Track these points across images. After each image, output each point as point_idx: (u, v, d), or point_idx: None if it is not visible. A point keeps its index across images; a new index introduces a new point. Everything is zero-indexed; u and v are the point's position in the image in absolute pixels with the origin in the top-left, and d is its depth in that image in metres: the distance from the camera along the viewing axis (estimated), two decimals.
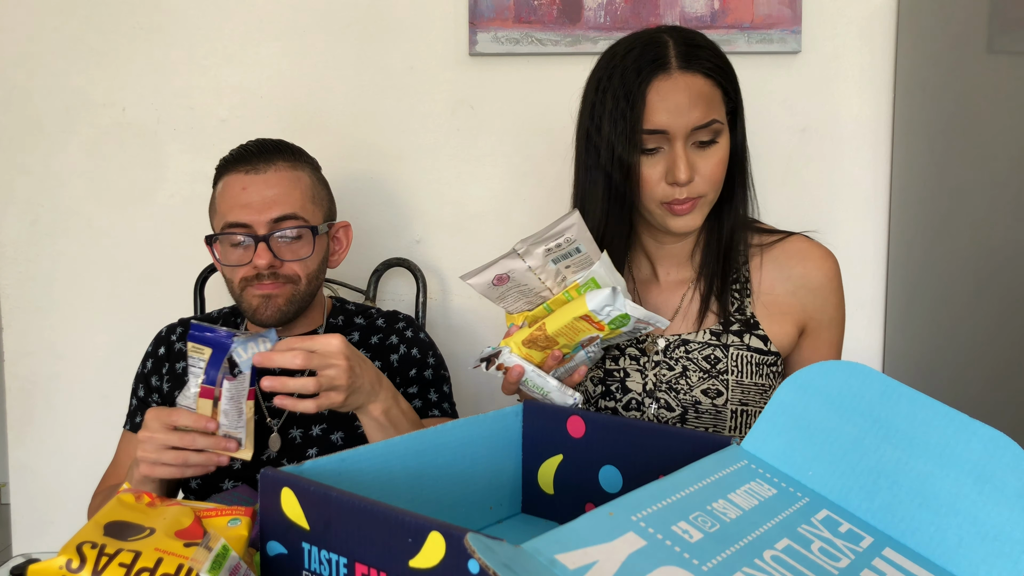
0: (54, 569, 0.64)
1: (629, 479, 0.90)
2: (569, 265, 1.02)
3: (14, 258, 1.84)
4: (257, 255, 1.24)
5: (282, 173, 1.29)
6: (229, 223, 1.26)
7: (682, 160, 1.09)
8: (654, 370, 1.18)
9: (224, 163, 1.32)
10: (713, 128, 1.10)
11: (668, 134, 1.09)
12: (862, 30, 1.76)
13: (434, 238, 1.83)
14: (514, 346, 1.04)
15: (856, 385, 0.77)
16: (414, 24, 1.78)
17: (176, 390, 1.32)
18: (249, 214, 1.26)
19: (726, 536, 0.66)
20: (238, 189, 1.27)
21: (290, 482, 0.70)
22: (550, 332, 1.02)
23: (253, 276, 1.26)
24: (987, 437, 0.70)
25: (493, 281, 1.03)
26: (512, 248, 1.01)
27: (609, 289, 1.00)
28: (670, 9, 1.72)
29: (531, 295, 1.05)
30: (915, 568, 0.69)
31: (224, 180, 1.30)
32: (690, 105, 1.09)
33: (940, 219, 1.62)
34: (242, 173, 1.28)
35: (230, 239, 1.27)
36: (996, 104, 1.45)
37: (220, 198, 1.30)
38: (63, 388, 1.87)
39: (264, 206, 1.26)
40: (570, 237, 0.99)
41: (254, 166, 1.28)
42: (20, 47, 1.80)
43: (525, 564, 0.54)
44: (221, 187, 1.31)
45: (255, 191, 1.27)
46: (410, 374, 1.36)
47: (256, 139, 1.34)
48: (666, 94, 1.09)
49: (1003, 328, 1.42)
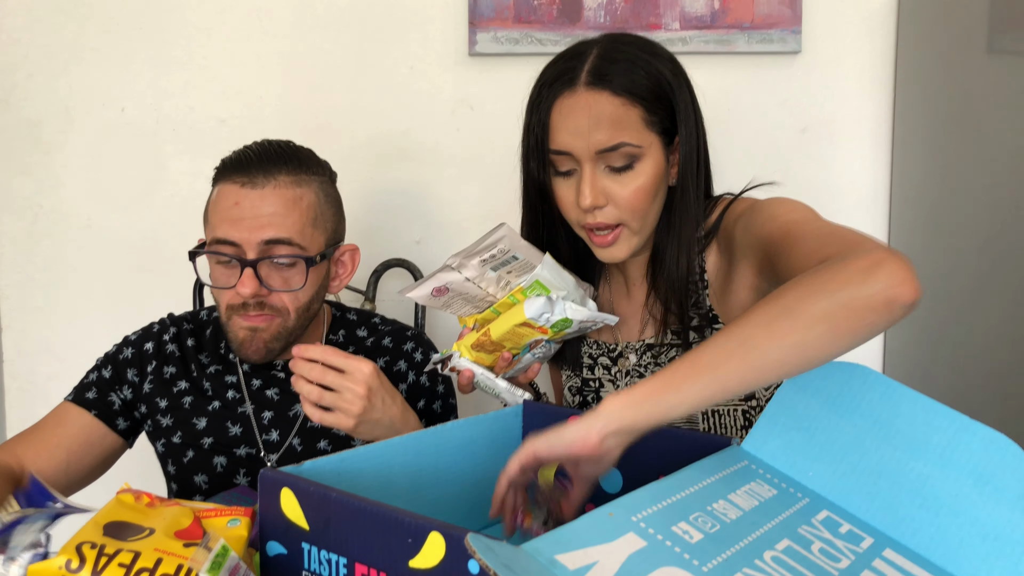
0: (53, 569, 0.63)
1: (629, 479, 0.90)
2: (511, 271, 1.04)
3: (14, 258, 1.84)
4: (241, 282, 1.12)
5: (281, 191, 1.15)
6: (217, 238, 1.15)
7: (586, 184, 1.02)
8: (626, 379, 1.17)
9: (222, 167, 1.20)
10: (624, 152, 1.02)
11: (573, 156, 1.03)
12: (862, 30, 1.76)
13: (434, 238, 1.83)
14: (464, 350, 1.07)
15: (856, 385, 0.77)
16: (414, 24, 1.78)
17: (158, 396, 1.24)
18: (239, 232, 1.13)
19: (726, 537, 0.65)
20: (230, 203, 1.15)
21: (290, 482, 0.70)
22: (495, 337, 1.04)
23: (239, 304, 1.15)
24: (987, 438, 0.70)
25: (432, 293, 1.06)
26: (444, 263, 1.02)
27: (543, 298, 1.02)
28: (670, 9, 1.72)
29: (476, 301, 1.08)
30: (915, 569, 0.69)
31: (219, 188, 1.18)
32: (591, 126, 1.01)
33: (940, 219, 1.62)
34: (237, 185, 1.15)
35: (216, 256, 1.16)
36: (996, 104, 1.45)
37: (212, 208, 1.18)
38: (63, 388, 1.85)
39: (256, 226, 1.13)
40: (503, 248, 1.01)
41: (252, 178, 1.15)
42: (20, 47, 1.80)
43: (525, 564, 0.54)
44: (215, 195, 1.18)
45: (248, 207, 1.14)
46: (418, 406, 1.28)
47: (261, 142, 1.21)
48: (567, 113, 1.03)
49: (1003, 328, 1.42)
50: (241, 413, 1.23)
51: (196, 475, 1.21)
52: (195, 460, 1.22)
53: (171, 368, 1.26)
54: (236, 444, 1.22)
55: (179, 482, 1.23)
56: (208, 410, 1.23)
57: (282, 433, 1.22)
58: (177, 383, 1.26)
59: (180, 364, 1.27)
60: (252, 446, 1.22)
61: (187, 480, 1.22)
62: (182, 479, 1.22)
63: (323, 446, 1.23)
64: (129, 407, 1.26)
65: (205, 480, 1.22)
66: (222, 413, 1.23)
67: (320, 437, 1.23)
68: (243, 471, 1.22)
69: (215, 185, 1.20)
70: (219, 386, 1.25)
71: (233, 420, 1.23)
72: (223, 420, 1.23)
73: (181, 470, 1.22)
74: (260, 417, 1.23)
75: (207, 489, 1.22)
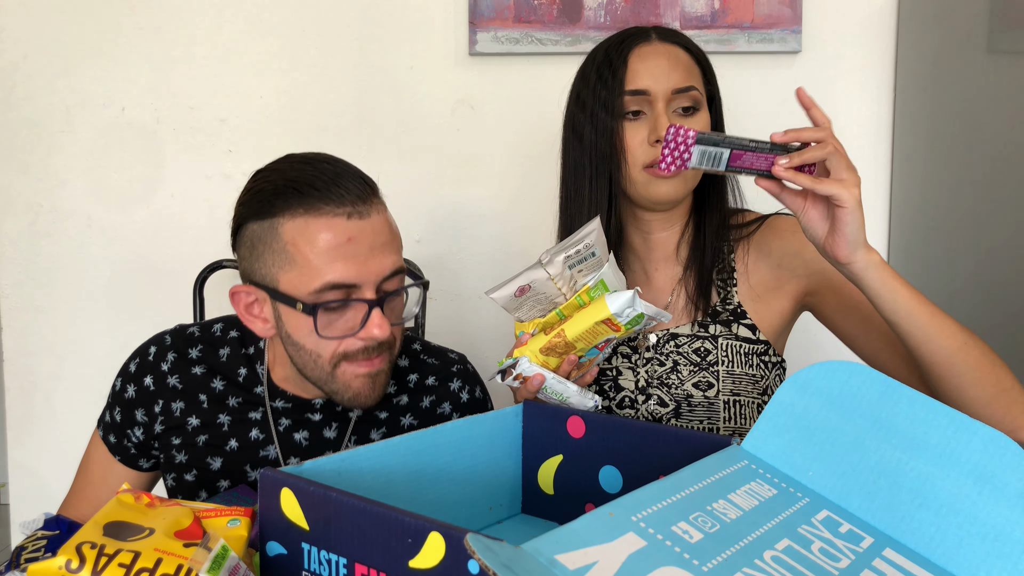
0: (53, 569, 0.63)
1: (629, 479, 0.89)
2: (581, 269, 1.02)
3: (14, 258, 1.84)
4: (378, 325, 0.98)
5: (383, 215, 1.02)
6: (332, 284, 0.97)
7: (663, 117, 1.12)
8: (645, 367, 1.18)
9: (299, 195, 0.98)
10: (692, 95, 1.13)
11: (649, 95, 1.12)
12: (862, 30, 1.76)
13: (434, 238, 1.83)
14: (531, 355, 1.03)
15: (856, 385, 0.77)
16: (414, 24, 1.78)
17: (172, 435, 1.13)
18: (362, 274, 0.98)
19: (726, 536, 0.65)
20: (342, 239, 0.97)
21: (290, 482, 0.70)
22: (570, 338, 1.02)
23: (360, 349, 1.01)
24: (987, 437, 0.70)
25: (515, 293, 1.02)
26: (537, 259, 1.00)
27: (630, 293, 1.01)
28: (670, 9, 1.72)
29: (545, 302, 1.05)
30: (915, 568, 0.69)
31: (309, 221, 0.98)
32: (670, 68, 1.13)
33: (940, 219, 1.62)
34: (343, 217, 0.98)
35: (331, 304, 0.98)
36: (996, 104, 1.45)
37: (306, 247, 0.97)
38: (63, 388, 1.87)
39: (378, 264, 0.99)
40: (589, 243, 1.00)
41: (356, 208, 0.98)
42: (20, 47, 1.80)
43: (525, 564, 0.54)
44: (301, 230, 0.98)
45: (364, 241, 0.98)
46: None
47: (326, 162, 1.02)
48: (647, 57, 1.13)
49: (1003, 328, 1.42)
50: (263, 457, 1.11)
51: None
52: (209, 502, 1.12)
53: (179, 404, 1.13)
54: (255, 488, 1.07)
55: None
56: (225, 450, 1.11)
57: None
58: (188, 420, 1.13)
59: (187, 398, 1.13)
60: None
61: None
62: None
63: None
64: (144, 448, 1.16)
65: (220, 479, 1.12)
66: (240, 456, 1.11)
67: None
68: None
69: (287, 216, 0.99)
70: (239, 422, 1.12)
71: (254, 464, 1.11)
72: (241, 463, 1.11)
73: None
74: (286, 463, 1.11)
75: None
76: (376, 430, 1.14)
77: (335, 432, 1.12)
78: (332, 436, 1.12)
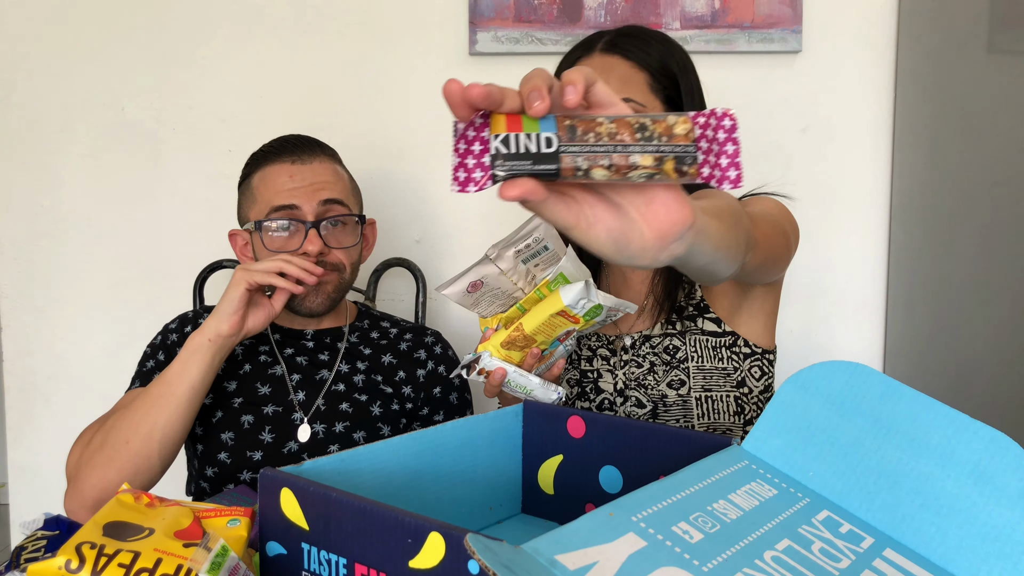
0: (53, 569, 0.63)
1: (629, 479, 0.89)
2: (538, 264, 1.04)
3: (14, 258, 1.84)
4: (308, 240, 1.26)
5: (326, 165, 1.33)
6: (277, 206, 1.28)
7: None
8: (623, 369, 1.20)
9: (263, 154, 1.33)
10: (629, 107, 1.10)
11: None
12: (862, 30, 1.76)
13: (434, 238, 1.83)
14: (493, 349, 1.06)
15: (857, 385, 0.77)
16: (414, 24, 1.78)
17: None
18: (298, 197, 1.28)
19: (726, 537, 0.65)
20: (285, 177, 1.29)
21: (289, 482, 0.70)
22: (528, 331, 1.04)
23: None
24: (987, 437, 0.70)
25: (467, 289, 1.05)
26: (484, 254, 1.03)
27: (582, 283, 1.01)
28: (670, 9, 1.72)
29: (504, 297, 1.07)
30: (916, 569, 0.69)
31: (265, 170, 1.31)
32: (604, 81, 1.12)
33: (940, 219, 1.62)
34: (288, 163, 1.30)
35: (275, 224, 1.28)
36: (996, 104, 1.45)
37: (261, 186, 1.31)
38: (62, 388, 1.87)
39: (313, 191, 1.28)
40: (538, 237, 1.01)
41: (299, 156, 1.31)
42: (20, 47, 1.80)
43: (525, 565, 0.54)
44: (260, 176, 1.32)
45: (302, 178, 1.29)
46: (434, 392, 1.36)
47: (291, 135, 1.36)
48: None
49: (1004, 328, 1.42)
50: (271, 375, 1.32)
51: (223, 432, 1.27)
52: (223, 419, 1.27)
53: None
54: (264, 403, 1.29)
55: (204, 441, 1.28)
56: (239, 373, 1.32)
57: (309, 394, 1.30)
58: None
59: None
60: (280, 404, 1.29)
61: (213, 438, 1.27)
62: (208, 437, 1.27)
63: (344, 408, 1.30)
64: None
65: (231, 437, 1.27)
66: (252, 375, 1.32)
67: (342, 400, 1.30)
68: (268, 427, 1.27)
69: (255, 171, 1.33)
70: (250, 353, 1.34)
71: (263, 381, 1.31)
72: (253, 381, 1.31)
73: (208, 429, 1.28)
74: (291, 378, 1.32)
75: (232, 446, 1.26)
76: (361, 361, 1.36)
77: (327, 356, 1.35)
78: (325, 359, 1.35)
